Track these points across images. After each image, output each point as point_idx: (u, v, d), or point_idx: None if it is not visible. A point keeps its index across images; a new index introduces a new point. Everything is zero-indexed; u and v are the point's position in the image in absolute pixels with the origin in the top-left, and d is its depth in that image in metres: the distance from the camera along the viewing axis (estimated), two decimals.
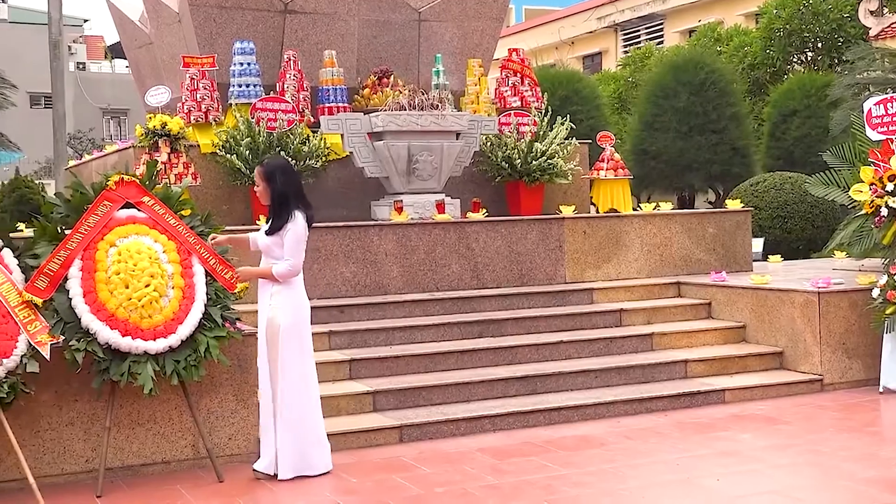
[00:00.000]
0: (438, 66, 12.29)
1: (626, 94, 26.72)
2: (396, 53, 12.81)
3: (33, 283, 6.49)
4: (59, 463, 6.77)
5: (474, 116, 11.49)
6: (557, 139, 11.70)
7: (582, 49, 36.18)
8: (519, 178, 11.56)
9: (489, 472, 6.89)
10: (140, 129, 10.42)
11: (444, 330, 9.30)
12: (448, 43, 12.97)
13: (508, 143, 11.55)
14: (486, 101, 12.42)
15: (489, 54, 13.39)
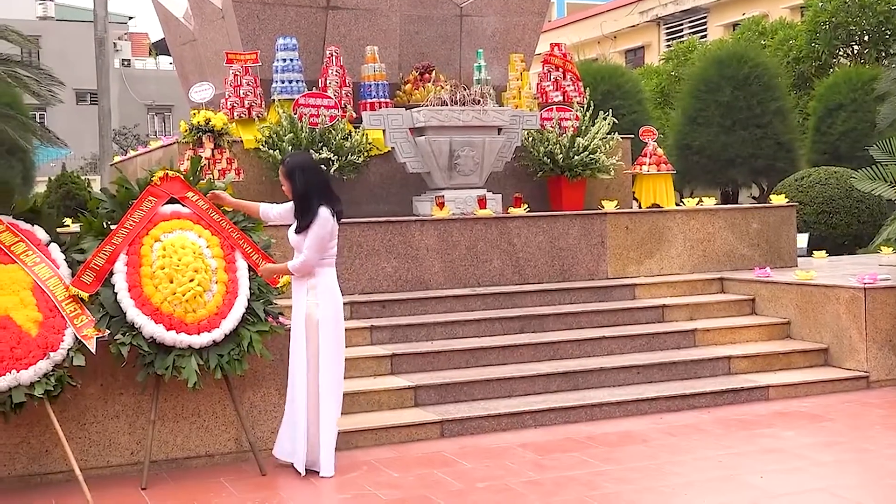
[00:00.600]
0: (480, 62, 12.28)
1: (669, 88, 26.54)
2: (438, 49, 12.82)
3: (79, 277, 6.57)
4: (105, 455, 6.85)
5: (516, 111, 11.47)
6: (599, 134, 11.64)
7: (624, 43, 35.99)
8: (561, 174, 11.52)
9: (530, 468, 6.88)
10: (184, 125, 10.51)
11: (486, 325, 9.30)
12: (490, 38, 12.95)
13: (550, 138, 11.52)
14: (527, 96, 12.39)
15: (531, 49, 13.36)
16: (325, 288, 6.77)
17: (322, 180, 6.92)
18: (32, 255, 6.59)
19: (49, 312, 6.40)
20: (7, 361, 6.11)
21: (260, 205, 7.20)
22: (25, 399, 6.12)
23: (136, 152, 13.59)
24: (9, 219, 6.71)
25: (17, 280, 6.42)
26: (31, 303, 6.37)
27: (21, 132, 7.02)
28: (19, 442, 6.64)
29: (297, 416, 6.79)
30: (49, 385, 6.21)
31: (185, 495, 6.40)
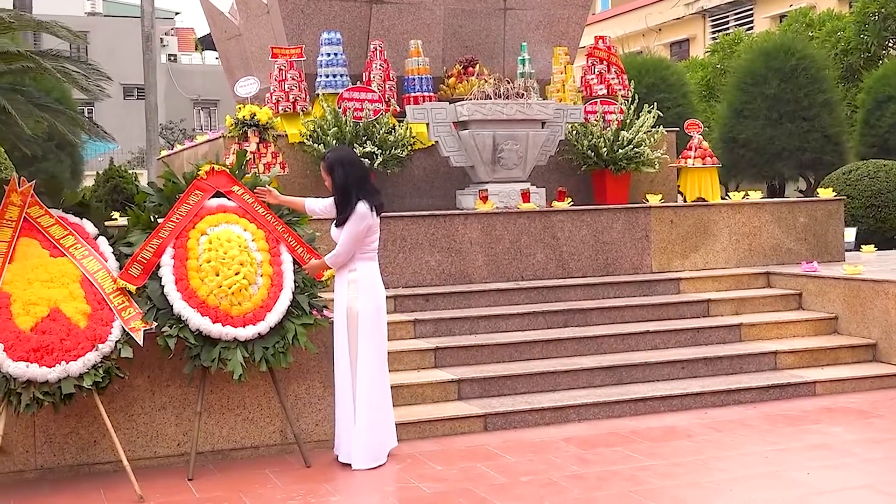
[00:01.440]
0: (524, 55, 12.25)
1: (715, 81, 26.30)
2: (482, 42, 12.81)
3: (127, 270, 6.64)
4: (152, 446, 6.93)
5: (560, 105, 11.43)
6: (644, 127, 11.58)
7: (669, 36, 35.71)
8: (605, 167, 11.47)
9: (574, 462, 6.87)
10: (230, 119, 10.60)
11: (529, 319, 9.29)
12: (534, 31, 12.92)
13: (594, 132, 11.47)
14: (571, 90, 12.35)
15: (575, 42, 13.31)
16: (366, 281, 6.79)
17: (362, 174, 6.94)
18: (81, 248, 6.67)
19: (97, 305, 6.48)
20: (57, 353, 6.19)
21: (305, 199, 7.24)
22: (74, 390, 6.20)
23: (182, 146, 13.73)
24: (58, 212, 6.80)
25: (66, 273, 6.51)
26: (80, 295, 6.45)
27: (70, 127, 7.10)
28: (68, 432, 6.74)
29: (339, 409, 6.83)
30: (97, 376, 6.29)
31: (231, 486, 6.46)
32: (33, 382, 6.13)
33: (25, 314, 6.25)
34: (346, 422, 6.81)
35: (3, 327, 6.16)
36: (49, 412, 6.48)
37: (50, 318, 6.28)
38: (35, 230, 6.64)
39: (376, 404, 6.82)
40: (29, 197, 6.69)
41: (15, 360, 6.09)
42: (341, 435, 6.88)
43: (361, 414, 6.75)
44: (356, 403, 6.76)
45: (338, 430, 6.94)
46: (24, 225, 6.62)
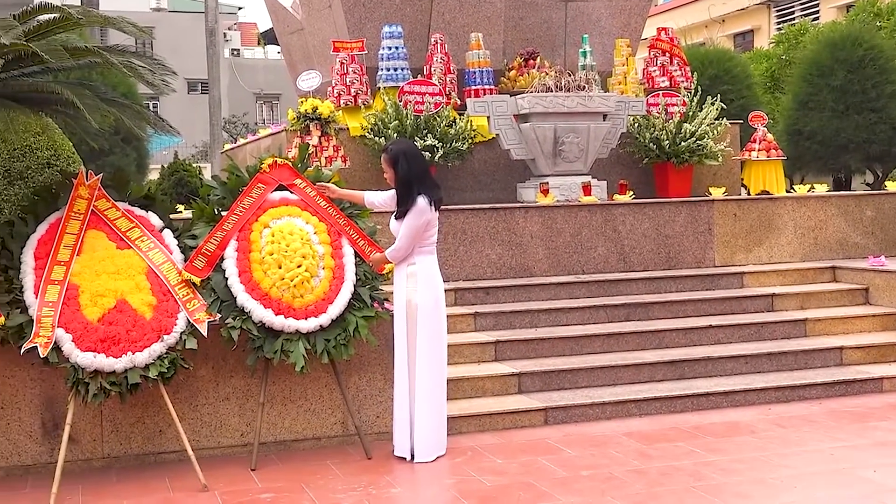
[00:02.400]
0: (585, 47, 12.18)
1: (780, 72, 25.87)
2: (543, 35, 12.75)
3: (192, 262, 6.73)
4: (216, 436, 7.02)
5: (621, 97, 11.36)
6: (707, 119, 11.46)
7: (733, 27, 35.23)
8: (667, 160, 11.38)
9: (635, 457, 6.83)
10: (292, 113, 10.68)
11: (590, 313, 9.25)
12: (595, 23, 12.83)
13: (656, 124, 11.38)
14: (633, 82, 12.26)
15: (637, 34, 13.19)
16: (425, 275, 6.80)
17: (423, 168, 6.94)
18: (147, 240, 6.77)
19: (163, 296, 6.57)
20: (123, 344, 6.29)
21: (364, 193, 7.27)
22: (140, 380, 6.29)
23: (245, 140, 13.86)
24: (125, 205, 6.90)
25: (132, 265, 6.61)
26: (146, 287, 6.55)
27: (136, 121, 7.18)
28: (135, 422, 6.85)
29: (398, 401, 6.85)
30: (163, 367, 6.38)
31: (293, 476, 6.52)
32: (101, 372, 6.23)
33: (93, 305, 6.36)
34: (403, 415, 6.83)
35: (72, 318, 6.27)
36: (116, 402, 6.59)
37: (117, 310, 6.38)
38: (102, 223, 6.75)
39: (435, 397, 6.83)
40: (96, 190, 6.80)
41: (83, 350, 6.20)
42: (398, 428, 6.90)
43: (421, 407, 6.76)
44: (415, 396, 6.77)
45: (395, 423, 6.96)
46: (92, 217, 6.73)
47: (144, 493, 6.26)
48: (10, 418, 6.62)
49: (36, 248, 6.50)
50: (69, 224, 6.63)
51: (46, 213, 6.71)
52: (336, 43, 11.42)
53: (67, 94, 6.36)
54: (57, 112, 7.31)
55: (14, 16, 6.43)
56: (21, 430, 6.65)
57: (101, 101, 6.78)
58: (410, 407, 6.79)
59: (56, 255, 6.48)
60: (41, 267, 6.43)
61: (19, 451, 6.65)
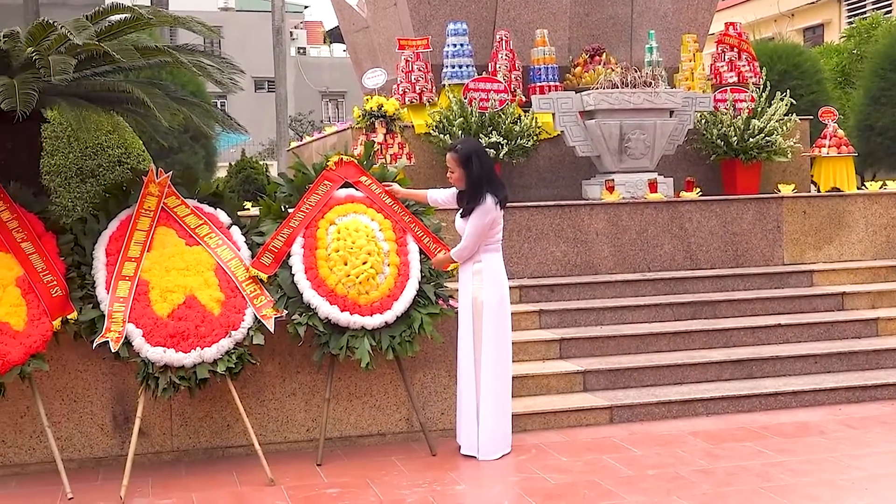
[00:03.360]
0: (651, 43, 12.08)
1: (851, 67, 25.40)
2: (609, 30, 12.67)
3: (259, 259, 6.80)
4: (283, 431, 7.09)
5: (688, 93, 11.24)
6: (776, 115, 11.30)
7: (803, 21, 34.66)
8: (735, 157, 11.24)
9: (702, 457, 6.76)
10: (357, 110, 10.74)
11: (656, 311, 9.17)
12: (662, 18, 12.71)
13: (724, 121, 11.24)
14: (700, 78, 12.13)
15: (704, 29, 13.04)
16: (490, 272, 6.79)
17: (491, 167, 6.94)
18: (215, 237, 6.85)
19: (231, 293, 6.65)
20: (192, 339, 6.37)
21: (427, 192, 7.27)
22: (209, 375, 6.37)
23: (311, 138, 13.96)
24: (193, 202, 7.00)
25: (201, 261, 6.70)
26: (215, 283, 6.63)
27: (205, 119, 7.27)
28: (203, 416, 6.94)
29: (464, 399, 6.85)
30: (231, 362, 6.45)
31: (359, 472, 6.56)
32: (170, 367, 6.32)
33: (163, 301, 6.45)
34: (468, 412, 6.83)
35: (142, 313, 6.38)
36: (185, 396, 6.69)
37: (186, 305, 6.47)
38: (172, 219, 6.85)
39: (501, 395, 6.82)
40: (166, 187, 6.91)
41: (153, 345, 6.30)
42: (463, 426, 6.89)
43: (486, 404, 6.76)
44: (480, 394, 6.77)
45: (459, 420, 6.96)
46: (162, 214, 6.83)
47: (213, 486, 6.34)
48: (82, 411, 6.75)
49: (107, 245, 6.62)
50: (140, 221, 6.74)
51: (118, 210, 6.83)
52: (401, 40, 11.46)
53: (138, 92, 6.47)
54: (128, 111, 7.43)
55: (87, 16, 6.55)
56: (93, 423, 6.78)
57: (170, 99, 6.88)
58: (476, 404, 6.79)
59: (127, 251, 6.59)
60: (112, 263, 6.54)
61: (91, 443, 6.78)
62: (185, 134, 13.30)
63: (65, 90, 6.78)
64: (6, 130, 6.81)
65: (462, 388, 6.87)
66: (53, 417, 6.60)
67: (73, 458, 6.70)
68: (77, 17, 6.57)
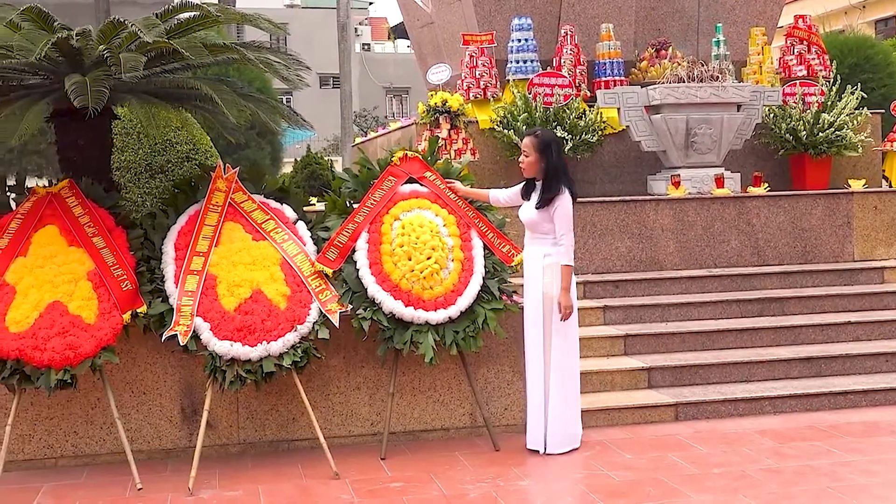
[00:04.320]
0: (719, 37, 11.93)
1: None
2: (675, 24, 12.55)
3: (324, 254, 6.84)
4: (347, 425, 7.13)
5: (756, 87, 11.10)
6: (846, 109, 11.11)
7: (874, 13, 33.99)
8: (804, 151, 11.07)
9: (769, 455, 6.67)
10: (422, 106, 10.77)
11: (723, 307, 9.07)
12: (729, 12, 12.56)
13: (793, 115, 11.09)
14: (769, 72, 11.97)
15: (773, 22, 12.86)
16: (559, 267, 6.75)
17: (564, 160, 6.91)
18: (281, 232, 6.91)
19: (296, 287, 6.70)
20: (259, 333, 6.44)
21: (489, 191, 7.26)
22: (275, 369, 6.42)
23: (375, 133, 14.03)
24: (260, 198, 7.07)
25: (267, 256, 6.76)
26: (280, 278, 6.69)
27: (271, 115, 7.34)
28: (269, 409, 7.02)
29: (532, 393, 6.83)
30: (296, 356, 6.50)
31: (422, 466, 6.58)
32: (237, 360, 6.39)
33: (230, 295, 6.53)
34: (537, 407, 6.80)
35: (210, 307, 6.46)
36: (251, 389, 6.76)
37: (252, 300, 6.53)
38: (239, 215, 6.93)
39: (569, 390, 6.79)
40: (233, 183, 6.99)
41: (220, 338, 6.37)
42: (532, 420, 6.87)
43: (554, 400, 6.74)
44: (549, 388, 6.74)
45: (529, 415, 6.92)
46: (229, 210, 6.91)
47: (278, 479, 6.41)
48: (151, 404, 6.86)
49: (176, 239, 6.72)
50: (207, 216, 6.82)
51: (186, 205, 6.93)
52: (466, 36, 11.46)
53: (206, 89, 6.55)
54: (196, 107, 7.53)
55: (156, 14, 6.66)
56: (162, 416, 6.89)
57: (238, 96, 6.96)
58: (545, 399, 6.76)
59: (195, 245, 6.68)
60: (181, 257, 6.64)
61: (160, 435, 6.89)
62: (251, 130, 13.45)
63: (135, 87, 6.90)
64: (78, 127, 6.95)
65: (531, 383, 6.84)
66: (123, 409, 6.72)
67: (142, 450, 6.81)
68: (147, 15, 6.69)
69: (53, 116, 7.02)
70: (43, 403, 6.70)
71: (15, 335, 6.18)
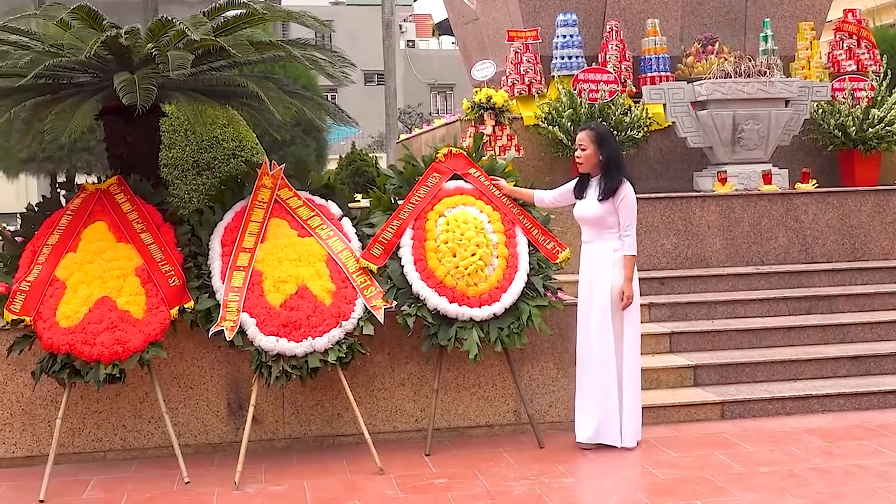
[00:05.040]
0: (766, 31, 11.82)
1: None
2: (722, 19, 12.43)
3: (369, 250, 6.87)
4: (391, 421, 7.15)
5: (805, 82, 10.98)
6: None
7: None
8: (853, 147, 10.94)
9: (817, 454, 6.60)
10: (466, 102, 10.76)
11: (770, 305, 8.98)
12: (777, 6, 12.43)
13: (842, 110, 10.96)
14: (817, 67, 11.84)
15: (822, 16, 12.71)
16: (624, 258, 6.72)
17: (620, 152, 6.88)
18: (327, 228, 6.95)
19: (341, 283, 6.73)
20: (304, 329, 6.47)
21: (534, 191, 7.23)
22: (320, 365, 6.45)
23: (420, 130, 14.06)
24: (305, 194, 7.11)
25: (313, 252, 6.80)
26: (326, 274, 6.72)
27: (317, 112, 7.38)
28: (314, 405, 7.06)
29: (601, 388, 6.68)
30: (341, 352, 6.52)
31: (467, 463, 6.58)
32: (282, 356, 6.43)
33: (276, 291, 6.57)
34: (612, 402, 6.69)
35: (256, 303, 6.50)
36: (297, 385, 6.80)
37: (298, 296, 6.57)
38: (284, 211, 6.97)
39: (638, 383, 6.78)
40: (279, 180, 7.03)
41: (266, 334, 6.42)
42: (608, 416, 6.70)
43: (630, 392, 6.70)
44: (624, 382, 6.68)
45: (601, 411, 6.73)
46: (275, 206, 6.96)
47: (324, 474, 6.44)
48: (198, 398, 6.93)
49: (223, 236, 6.77)
50: (254, 212, 6.87)
51: (232, 201, 6.98)
52: (510, 32, 11.44)
53: (253, 86, 6.59)
54: (242, 104, 7.59)
55: (204, 13, 6.70)
56: (209, 410, 6.95)
57: (283, 93, 7.00)
58: (619, 394, 6.69)
59: (241, 242, 6.73)
60: (227, 253, 6.69)
61: (207, 429, 6.96)
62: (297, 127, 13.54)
63: (182, 85, 6.96)
64: (127, 124, 7.03)
65: (604, 379, 6.68)
66: (171, 403, 6.79)
67: (189, 444, 6.88)
68: (194, 13, 6.74)
69: (103, 114, 7.10)
70: (92, 397, 6.79)
71: (65, 330, 6.27)
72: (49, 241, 6.60)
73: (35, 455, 6.73)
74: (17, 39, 6.69)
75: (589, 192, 6.80)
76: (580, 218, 6.81)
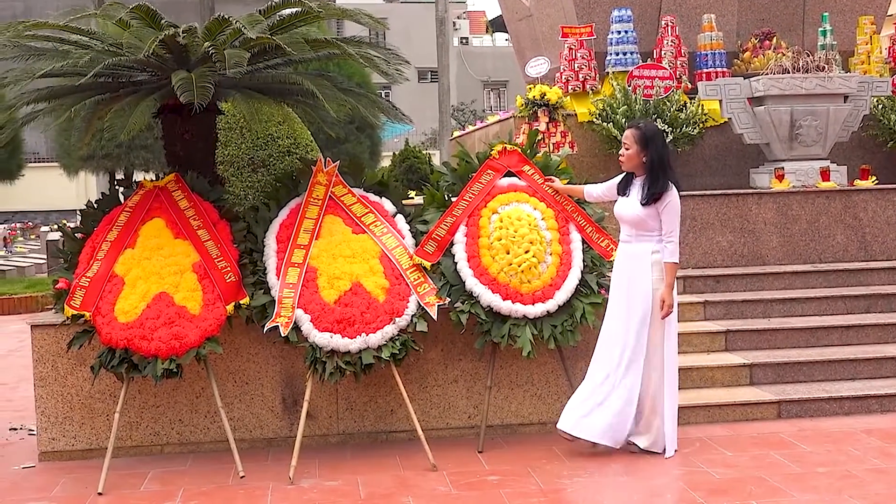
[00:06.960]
0: (825, 26, 11.66)
1: None
2: (779, 14, 12.29)
3: (423, 247, 6.88)
4: (444, 417, 7.17)
5: (864, 77, 10.81)
6: None
7: None
8: None
9: (876, 455, 6.51)
10: (520, 99, 10.75)
11: (828, 303, 8.86)
12: (836, 0, 12.25)
13: None
14: (878, 61, 11.65)
15: (883, 10, 12.50)
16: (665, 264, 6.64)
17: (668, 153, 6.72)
18: (381, 225, 6.98)
19: (395, 280, 6.75)
20: (358, 325, 6.51)
21: (584, 186, 7.16)
22: (374, 361, 6.48)
23: (473, 127, 14.06)
24: (359, 191, 7.14)
25: (366, 249, 6.83)
26: (379, 270, 6.75)
27: (371, 109, 7.42)
28: (368, 401, 7.09)
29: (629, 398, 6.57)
30: (395, 349, 6.55)
31: (520, 460, 6.58)
32: (336, 352, 6.47)
33: (330, 287, 6.61)
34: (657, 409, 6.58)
35: (311, 299, 6.55)
36: (350, 381, 6.84)
37: (352, 292, 6.60)
38: (339, 208, 7.01)
39: (676, 392, 6.66)
40: (334, 176, 7.07)
41: (321, 330, 6.46)
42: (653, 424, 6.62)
43: (671, 399, 6.59)
44: (667, 388, 6.56)
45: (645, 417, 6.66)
46: (329, 203, 7.00)
47: (377, 470, 6.48)
48: (253, 394, 7.00)
49: (278, 232, 6.84)
50: (308, 209, 6.92)
51: (287, 198, 7.04)
52: (565, 28, 11.40)
53: (308, 84, 6.64)
54: (297, 102, 7.64)
55: (260, 11, 6.77)
56: (263, 405, 7.02)
57: (338, 90, 7.04)
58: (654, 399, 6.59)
59: (296, 238, 6.78)
60: (282, 250, 6.75)
61: (262, 424, 7.02)
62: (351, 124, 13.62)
63: (239, 83, 7.03)
64: (184, 122, 7.12)
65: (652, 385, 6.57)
66: (226, 399, 6.86)
67: (244, 439, 6.95)
68: (250, 11, 6.80)
69: (160, 112, 7.20)
70: (150, 392, 6.89)
71: (123, 325, 6.37)
72: (108, 237, 6.71)
73: (94, 448, 6.84)
74: (77, 39, 6.81)
75: (632, 191, 6.65)
76: (620, 216, 6.68)
